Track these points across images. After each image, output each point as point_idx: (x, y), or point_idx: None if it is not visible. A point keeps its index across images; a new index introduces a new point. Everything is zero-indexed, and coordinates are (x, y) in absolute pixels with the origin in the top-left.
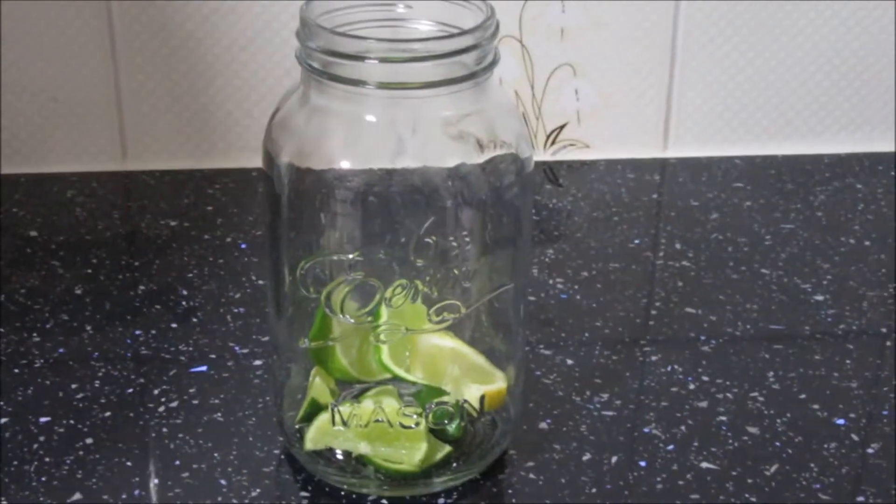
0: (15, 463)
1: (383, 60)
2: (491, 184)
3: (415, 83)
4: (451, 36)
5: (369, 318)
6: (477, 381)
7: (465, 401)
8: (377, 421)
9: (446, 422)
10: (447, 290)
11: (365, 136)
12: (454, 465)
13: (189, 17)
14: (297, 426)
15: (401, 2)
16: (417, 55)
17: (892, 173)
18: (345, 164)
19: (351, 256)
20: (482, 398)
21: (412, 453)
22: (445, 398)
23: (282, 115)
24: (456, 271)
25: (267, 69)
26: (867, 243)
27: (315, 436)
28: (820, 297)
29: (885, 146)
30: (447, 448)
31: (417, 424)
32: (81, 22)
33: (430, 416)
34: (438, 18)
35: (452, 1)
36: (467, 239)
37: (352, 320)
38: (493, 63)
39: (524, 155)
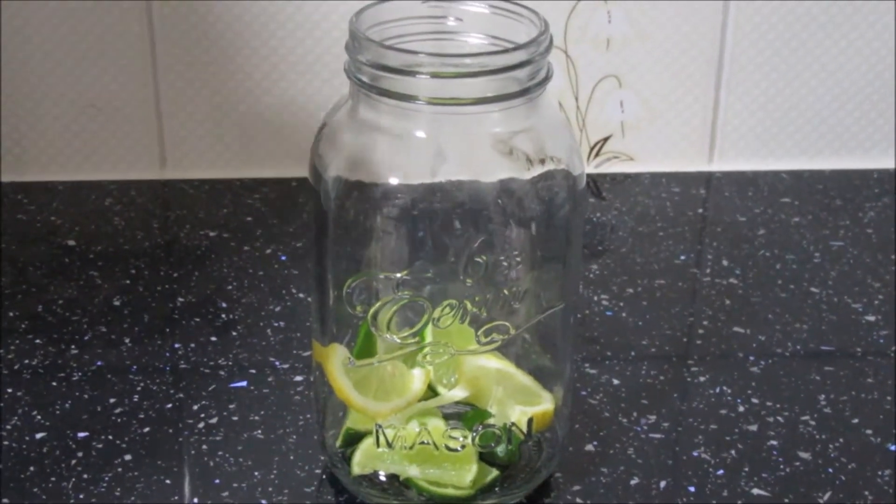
0: (53, 479)
1: (434, 75)
2: (543, 201)
3: (466, 99)
4: (505, 51)
5: (416, 339)
6: (523, 403)
7: (513, 423)
8: (423, 443)
9: (493, 445)
10: (496, 311)
11: (414, 152)
12: (497, 489)
13: (230, 25)
14: (339, 451)
15: (451, 14)
16: (469, 70)
17: None
18: (393, 180)
19: (399, 275)
20: (530, 421)
21: (461, 475)
22: (491, 420)
23: (329, 129)
24: (506, 291)
25: (307, 78)
26: None
27: (362, 460)
28: (871, 318)
29: None
30: (495, 471)
31: (463, 447)
32: (121, 28)
33: (477, 438)
34: (490, 31)
35: (505, 13)
36: (518, 258)
37: (398, 340)
38: (546, 79)
39: (576, 172)
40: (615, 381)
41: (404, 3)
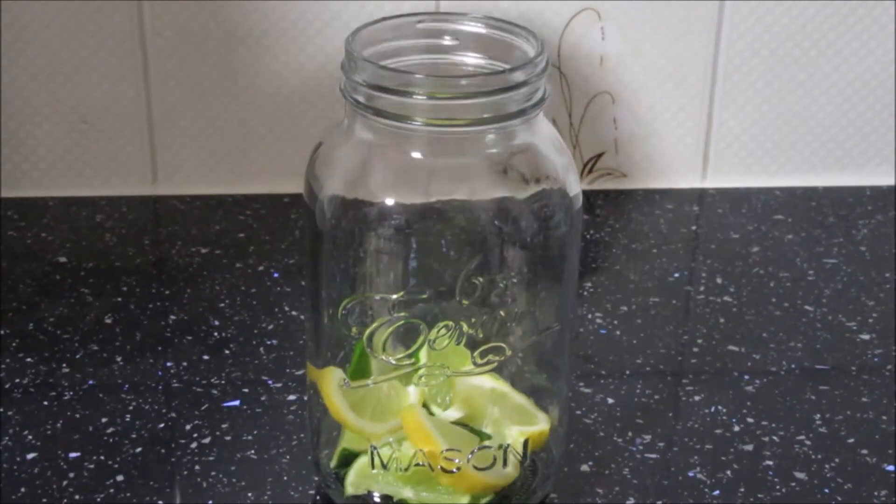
0: (44, 500)
1: (431, 96)
2: (539, 222)
3: (462, 120)
4: (502, 72)
5: (411, 360)
6: (518, 423)
7: (508, 445)
8: (418, 465)
9: (490, 466)
10: (493, 332)
11: (410, 172)
12: None
13: (223, 41)
14: (333, 472)
15: (447, 34)
16: (466, 91)
17: None
18: (389, 201)
19: (395, 296)
20: (526, 443)
21: (456, 497)
22: (488, 442)
23: (325, 148)
24: (502, 312)
25: (300, 94)
26: None
27: (356, 480)
28: (866, 336)
29: None
30: (489, 493)
31: (459, 469)
32: (113, 43)
33: (473, 460)
34: (486, 51)
35: (501, 33)
36: (514, 279)
37: (393, 361)
38: (543, 100)
39: (572, 192)
40: (609, 400)
41: (400, 22)
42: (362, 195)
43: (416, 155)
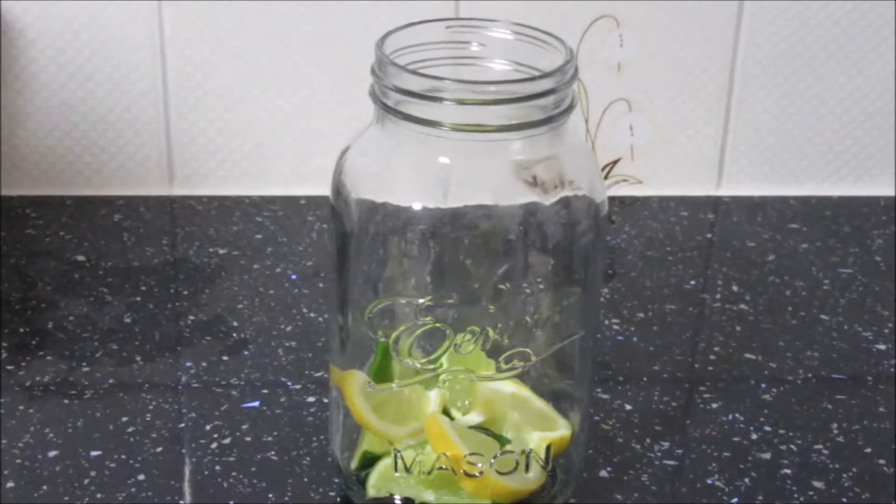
0: (66, 498)
1: (460, 102)
2: (565, 228)
3: (490, 126)
4: (531, 79)
5: (436, 364)
6: (539, 428)
7: (531, 450)
8: (441, 468)
9: (512, 471)
10: (518, 338)
11: (438, 177)
12: None
13: (241, 43)
14: (354, 473)
15: (475, 40)
16: (495, 97)
17: None
18: (416, 205)
19: (422, 301)
20: (549, 448)
21: (477, 502)
22: (509, 447)
23: (353, 152)
24: (528, 318)
25: (318, 97)
26: None
27: (378, 483)
28: (882, 346)
29: None
30: (511, 499)
31: (482, 473)
32: (133, 44)
33: (496, 464)
34: (513, 58)
35: (529, 40)
36: (541, 285)
37: (418, 366)
38: (571, 107)
39: (598, 199)
40: (627, 407)
41: (428, 27)
42: (389, 199)
43: (444, 160)
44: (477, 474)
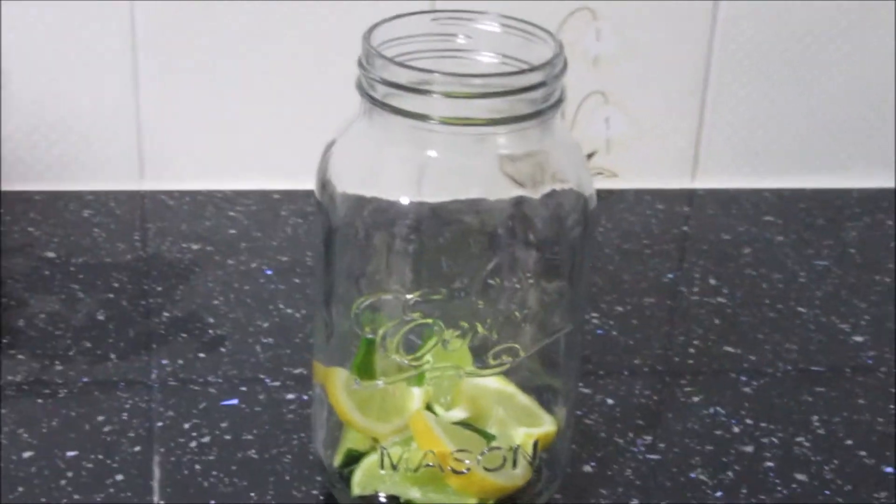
0: (42, 500)
1: (448, 95)
2: (554, 223)
3: (479, 119)
4: (520, 72)
5: (425, 360)
6: (524, 424)
7: (518, 447)
8: (428, 465)
9: (499, 468)
10: (507, 333)
11: (425, 171)
12: None
13: (213, 34)
14: (337, 471)
15: (462, 32)
16: (484, 91)
17: None
18: (403, 200)
19: (410, 296)
20: (536, 444)
21: (464, 499)
22: (496, 443)
23: (339, 145)
24: (517, 314)
25: (290, 90)
26: None
27: (363, 480)
28: (859, 338)
29: None
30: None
31: (469, 470)
32: (104, 38)
33: (483, 461)
34: (501, 50)
35: (517, 32)
36: (530, 280)
37: (406, 362)
38: (560, 101)
39: (587, 193)
40: (609, 401)
41: (415, 19)
42: (377, 193)
43: (432, 153)
44: (464, 471)
